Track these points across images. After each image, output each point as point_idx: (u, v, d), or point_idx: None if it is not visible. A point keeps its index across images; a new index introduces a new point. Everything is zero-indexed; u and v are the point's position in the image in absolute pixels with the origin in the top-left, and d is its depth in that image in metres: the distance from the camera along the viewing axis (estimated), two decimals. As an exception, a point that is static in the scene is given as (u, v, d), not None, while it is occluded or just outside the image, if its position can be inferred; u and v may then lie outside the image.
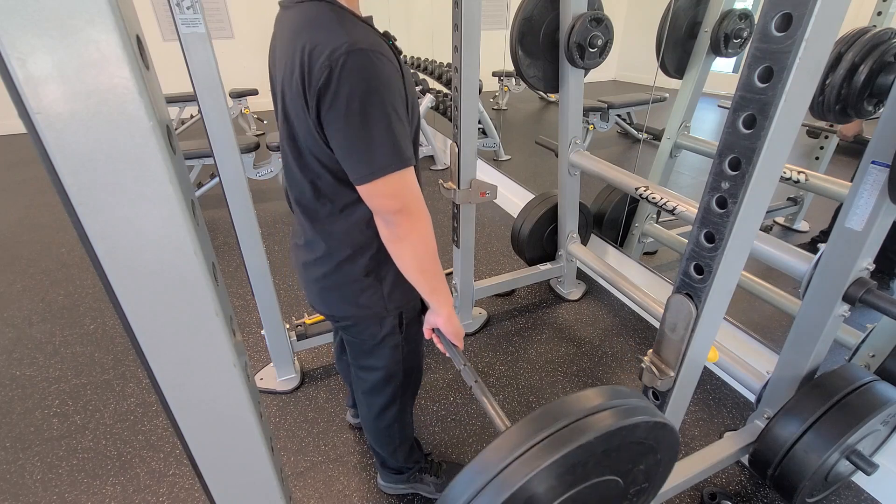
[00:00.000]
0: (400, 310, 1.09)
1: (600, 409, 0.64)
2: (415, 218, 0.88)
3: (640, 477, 0.76)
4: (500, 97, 5.80)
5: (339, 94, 0.76)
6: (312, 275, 1.06)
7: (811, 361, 1.30)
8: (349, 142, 0.80)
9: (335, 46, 0.75)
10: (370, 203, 0.87)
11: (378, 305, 1.06)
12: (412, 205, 0.87)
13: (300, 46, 0.79)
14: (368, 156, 0.80)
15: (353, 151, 0.81)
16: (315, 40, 0.78)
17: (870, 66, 1.28)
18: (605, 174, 1.96)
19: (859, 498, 1.48)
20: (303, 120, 0.84)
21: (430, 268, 0.95)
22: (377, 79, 0.77)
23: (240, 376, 0.50)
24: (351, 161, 0.82)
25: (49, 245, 3.01)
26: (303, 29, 0.81)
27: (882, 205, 1.06)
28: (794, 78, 0.61)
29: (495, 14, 4.98)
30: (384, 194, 0.84)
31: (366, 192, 0.85)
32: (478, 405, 1.83)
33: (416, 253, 0.92)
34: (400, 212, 0.86)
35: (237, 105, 5.18)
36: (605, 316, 2.34)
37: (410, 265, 0.94)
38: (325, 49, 0.76)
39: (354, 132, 0.79)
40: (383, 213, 0.87)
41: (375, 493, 1.51)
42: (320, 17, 0.81)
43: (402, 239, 0.90)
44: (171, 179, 0.39)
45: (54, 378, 1.97)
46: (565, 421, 0.63)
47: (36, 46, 0.32)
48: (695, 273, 0.80)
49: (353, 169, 0.83)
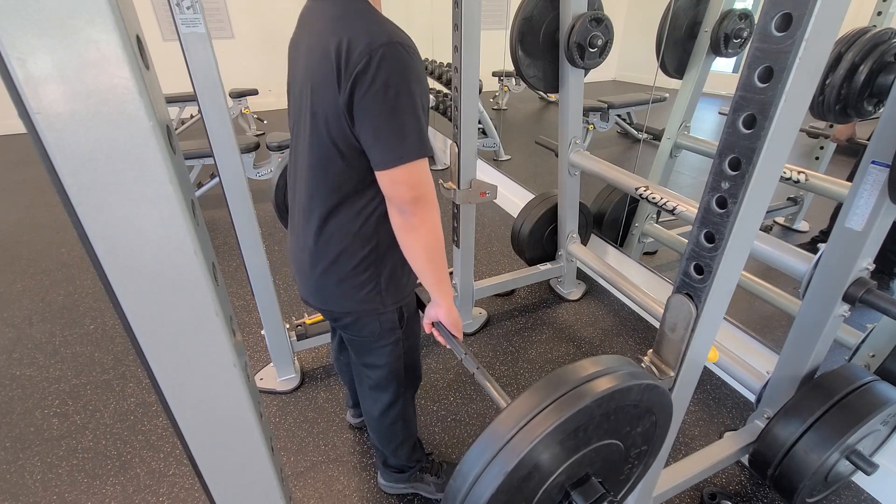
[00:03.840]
0: (398, 304, 1.10)
1: (595, 377, 0.69)
2: (429, 208, 0.91)
3: (638, 440, 0.80)
4: (500, 97, 5.79)
5: (376, 81, 0.80)
6: (310, 268, 1.05)
7: (811, 361, 1.30)
8: (379, 126, 0.83)
9: (375, 37, 0.80)
10: (389, 190, 0.89)
11: (376, 301, 1.06)
12: (428, 194, 0.90)
13: (336, 37, 0.82)
14: (396, 142, 0.84)
15: (381, 136, 0.84)
16: (352, 30, 0.82)
17: (870, 66, 1.28)
18: (605, 174, 1.96)
19: (859, 498, 1.48)
20: (331, 105, 0.86)
21: (438, 259, 0.97)
22: (412, 72, 0.82)
23: (240, 376, 0.50)
24: (379, 145, 0.85)
25: (49, 245, 3.01)
26: (338, 20, 0.85)
27: (882, 205, 1.06)
28: (794, 78, 0.61)
29: (495, 14, 4.99)
30: (405, 181, 0.87)
31: (388, 177, 0.87)
32: (478, 406, 1.83)
33: (427, 243, 0.94)
34: (416, 201, 0.88)
35: (237, 105, 5.18)
36: (605, 316, 2.34)
37: (420, 255, 0.96)
38: (365, 38, 0.80)
39: (386, 118, 0.82)
40: (400, 201, 0.89)
41: (375, 492, 1.51)
42: (355, 11, 0.85)
43: (414, 228, 0.92)
44: (171, 179, 0.39)
45: (54, 378, 1.97)
46: (564, 389, 0.68)
47: (36, 46, 0.32)
48: (695, 273, 0.80)
49: (380, 153, 0.85)
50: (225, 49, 5.91)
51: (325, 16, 0.88)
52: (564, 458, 0.70)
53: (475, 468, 0.67)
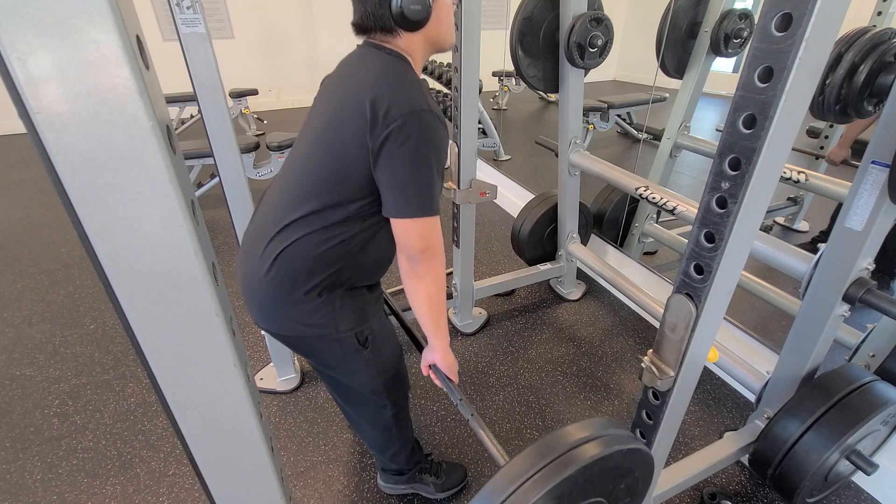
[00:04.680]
0: (353, 332, 1.06)
1: (582, 443, 0.77)
2: (436, 260, 1.00)
3: (622, 494, 0.87)
4: (500, 97, 5.80)
5: (408, 141, 0.89)
6: (262, 290, 1.01)
7: (811, 361, 1.30)
8: (402, 181, 0.92)
9: (413, 103, 0.90)
10: (401, 238, 0.98)
11: (329, 326, 1.03)
12: (435, 247, 0.99)
13: (376, 91, 0.91)
14: (415, 198, 0.93)
15: (403, 190, 0.93)
16: (393, 91, 0.92)
17: (870, 66, 1.28)
18: (605, 174, 1.96)
19: (859, 498, 1.48)
20: (357, 147, 0.92)
21: (438, 306, 1.05)
22: (438, 138, 0.93)
23: (240, 376, 0.50)
24: (398, 196, 0.94)
25: (49, 245, 3.01)
26: (381, 75, 0.95)
27: (882, 205, 1.06)
28: (794, 78, 0.61)
29: (495, 14, 4.99)
30: (417, 233, 0.96)
31: (402, 226, 0.96)
32: (477, 406, 1.83)
33: (429, 291, 1.02)
34: (425, 251, 0.98)
35: (237, 105, 5.17)
36: (605, 316, 2.34)
37: (422, 301, 1.03)
38: (404, 102, 0.90)
39: (409, 175, 0.92)
40: (410, 250, 0.98)
41: (375, 493, 1.51)
42: (397, 72, 0.96)
43: (420, 276, 1.01)
44: (171, 179, 0.39)
45: (54, 378, 1.97)
46: (551, 456, 0.76)
47: (36, 46, 0.32)
48: (695, 273, 0.80)
49: (397, 203, 0.94)
50: (225, 49, 5.91)
51: (370, 66, 0.97)
52: None
53: None
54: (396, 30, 0.97)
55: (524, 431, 1.72)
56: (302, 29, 6.22)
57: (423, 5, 0.94)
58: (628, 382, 1.94)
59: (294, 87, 6.61)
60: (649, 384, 0.95)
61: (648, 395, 1.00)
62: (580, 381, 1.94)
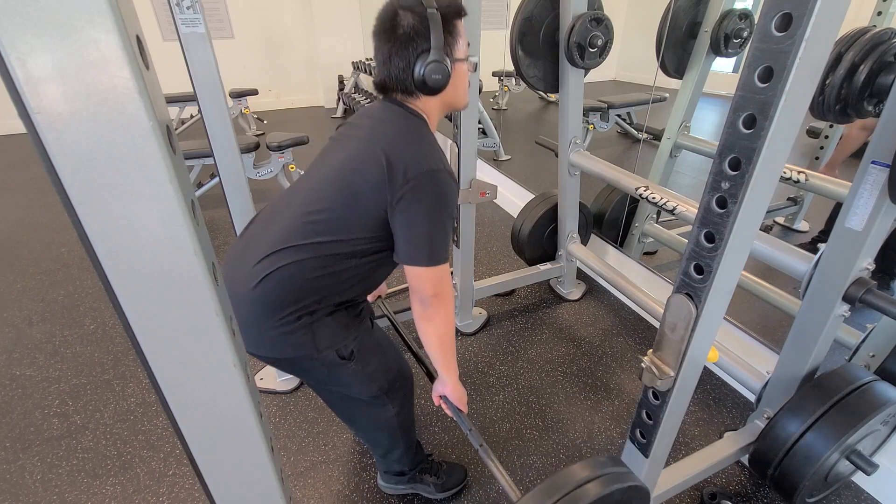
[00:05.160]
0: (334, 349, 1.07)
1: (585, 482, 0.88)
2: (445, 303, 1.08)
3: None
4: (500, 97, 5.79)
5: (425, 199, 0.98)
6: (244, 302, 1.01)
7: (811, 361, 1.30)
8: (418, 234, 1.01)
9: (431, 163, 0.99)
10: (415, 283, 1.05)
11: (308, 346, 1.04)
12: (445, 292, 1.07)
13: (395, 149, 1.00)
14: (429, 249, 1.01)
15: (418, 241, 1.01)
16: (412, 150, 1.01)
17: (870, 66, 1.27)
18: (605, 174, 1.96)
19: (859, 498, 1.48)
20: (370, 195, 1.00)
21: (448, 344, 1.13)
22: (451, 195, 1.03)
23: (240, 376, 0.50)
24: (413, 248, 1.02)
25: (49, 245, 3.01)
26: (401, 133, 1.04)
27: (882, 205, 1.06)
28: (794, 78, 0.61)
29: (495, 14, 4.98)
30: (429, 279, 1.03)
31: (415, 273, 1.03)
32: (477, 406, 1.83)
33: (440, 331, 1.10)
34: (436, 296, 1.05)
35: (237, 105, 5.18)
36: (605, 316, 2.34)
37: (433, 340, 1.11)
38: (423, 162, 0.99)
39: (425, 229, 1.00)
40: (422, 294, 1.05)
41: (375, 493, 1.51)
42: (417, 132, 1.05)
43: (432, 318, 1.08)
44: (171, 179, 0.38)
45: (54, 378, 1.97)
46: (558, 495, 0.86)
47: (36, 46, 0.32)
48: (695, 273, 0.80)
49: (412, 252, 1.02)
50: (225, 49, 5.91)
51: (391, 122, 1.06)
52: None
53: None
54: (417, 93, 1.05)
55: (524, 431, 1.72)
56: (302, 29, 6.22)
57: (444, 74, 1.02)
58: (628, 382, 1.94)
59: (294, 87, 6.61)
60: (649, 384, 0.95)
61: (648, 395, 1.00)
62: (580, 381, 1.94)
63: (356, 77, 6.01)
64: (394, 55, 1.01)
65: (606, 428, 1.73)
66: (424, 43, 0.98)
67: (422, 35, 0.98)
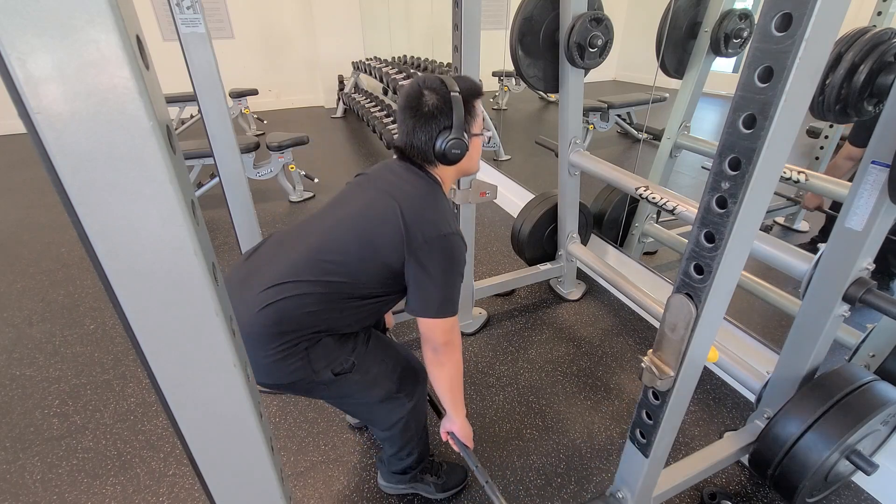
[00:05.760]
0: (330, 368, 1.10)
1: None
2: (455, 350, 1.17)
3: None
4: (500, 97, 5.80)
5: (439, 258, 1.07)
6: (245, 325, 1.03)
7: (811, 361, 1.30)
8: (431, 289, 1.09)
9: (445, 227, 1.08)
10: (427, 333, 1.13)
11: (305, 369, 1.08)
12: (455, 340, 1.17)
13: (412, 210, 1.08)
14: (441, 301, 1.09)
15: (430, 296, 1.09)
16: (428, 213, 1.09)
17: (870, 66, 1.27)
18: (605, 174, 1.96)
19: (859, 498, 1.48)
20: (385, 248, 1.07)
21: (457, 387, 1.23)
22: (462, 256, 1.11)
23: (240, 376, 0.50)
24: (426, 301, 1.10)
25: (49, 245, 3.01)
26: (418, 195, 1.12)
27: (882, 205, 1.06)
28: (794, 78, 0.61)
29: (495, 14, 4.99)
30: (441, 329, 1.12)
31: (428, 324, 1.11)
32: (478, 405, 1.83)
33: (451, 374, 1.19)
34: (447, 344, 1.14)
35: (237, 105, 5.18)
36: (605, 316, 2.34)
37: (444, 384, 1.20)
38: (439, 225, 1.08)
39: (437, 285, 1.08)
40: (434, 343, 1.14)
41: (375, 492, 1.51)
42: (432, 195, 1.14)
43: (443, 364, 1.17)
44: (171, 179, 0.38)
45: (54, 378, 1.97)
46: None
47: (36, 46, 0.32)
48: (695, 273, 0.80)
49: (425, 305, 1.10)
50: (225, 49, 5.91)
51: (410, 183, 1.14)
52: None
53: None
54: (436, 162, 1.15)
55: (524, 431, 1.72)
56: (302, 29, 6.22)
57: (462, 149, 1.12)
58: (628, 382, 1.94)
59: (294, 87, 6.61)
60: (649, 384, 0.95)
61: (648, 395, 1.01)
62: (580, 381, 1.94)
63: (356, 77, 6.01)
64: (417, 129, 1.11)
65: (606, 428, 1.73)
66: (446, 121, 1.09)
67: (444, 114, 1.09)
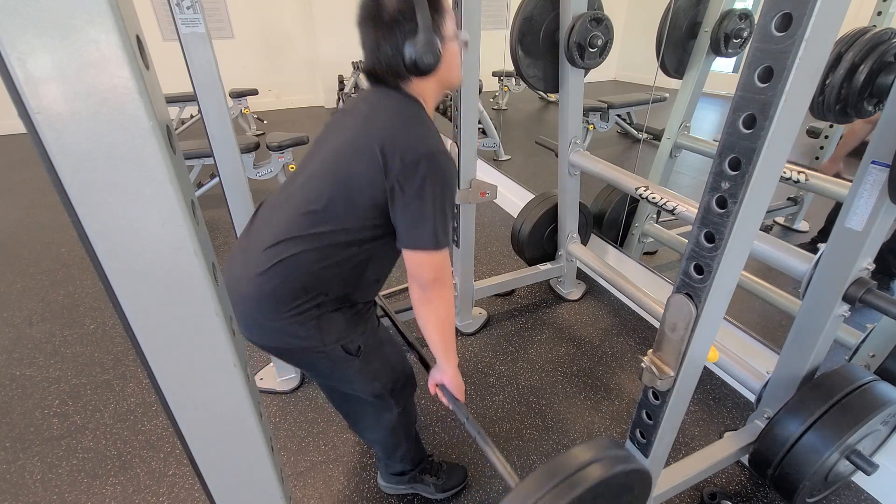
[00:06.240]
0: (340, 343, 1.07)
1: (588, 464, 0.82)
2: (444, 287, 1.05)
3: None
4: (500, 97, 5.80)
5: (424, 182, 0.95)
6: (252, 301, 1.01)
7: (811, 361, 1.30)
8: (417, 217, 0.97)
9: (425, 147, 0.96)
10: (414, 268, 1.02)
11: (315, 338, 1.04)
12: (445, 276, 1.05)
13: (389, 136, 0.97)
14: (429, 232, 0.98)
15: (417, 225, 0.98)
16: (406, 136, 0.98)
17: (870, 66, 1.28)
18: (605, 174, 1.96)
19: (859, 498, 1.48)
20: (365, 183, 0.98)
21: (448, 330, 1.11)
22: (449, 177, 0.99)
23: (240, 376, 0.50)
24: (413, 232, 0.99)
25: (49, 245, 3.01)
26: (395, 118, 1.00)
27: (882, 205, 1.06)
28: (794, 78, 0.61)
29: (495, 14, 4.98)
30: (429, 264, 1.01)
31: (415, 258, 1.01)
32: (477, 406, 1.83)
33: (440, 316, 1.08)
34: (436, 281, 1.03)
35: (237, 105, 5.17)
36: (605, 316, 2.34)
37: (433, 326, 1.09)
38: (418, 147, 0.96)
39: (424, 213, 0.97)
40: (420, 278, 1.03)
41: (375, 493, 1.51)
42: (411, 116, 1.02)
43: (430, 302, 1.06)
44: (171, 179, 0.38)
45: (54, 378, 1.97)
46: (560, 477, 0.81)
47: (36, 46, 0.32)
48: (695, 273, 0.80)
49: (412, 237, 0.99)
50: (225, 49, 5.91)
51: (386, 107, 1.03)
52: None
53: None
54: (410, 77, 1.02)
55: (524, 431, 1.72)
56: (302, 29, 6.22)
57: (434, 55, 0.98)
58: (628, 382, 1.93)
59: (294, 87, 6.61)
60: (649, 384, 0.95)
61: (648, 395, 1.01)
62: (580, 381, 1.94)
63: (356, 77, 6.01)
64: (381, 41, 0.98)
65: (606, 428, 1.73)
66: (411, 24, 0.95)
67: (408, 17, 0.95)
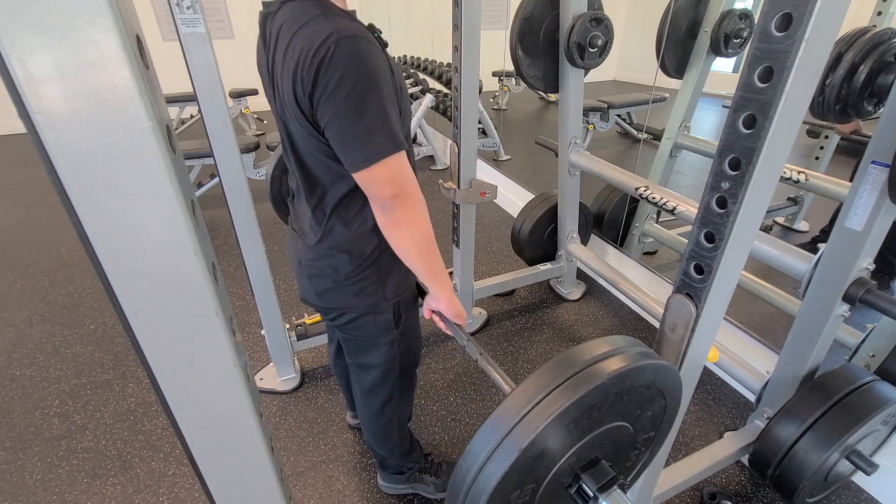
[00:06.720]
0: (398, 299, 1.09)
1: (609, 356, 0.67)
2: (411, 202, 0.87)
3: (647, 424, 0.80)
4: (500, 97, 5.79)
5: (332, 80, 0.76)
6: (309, 263, 1.04)
7: (811, 361, 1.30)
8: (344, 128, 0.80)
9: (324, 37, 0.76)
10: (367, 190, 0.87)
11: (377, 295, 1.05)
12: (408, 189, 0.87)
13: (294, 46, 0.79)
14: (363, 141, 0.80)
15: (347, 138, 0.81)
16: (305, 37, 0.78)
17: (870, 66, 1.28)
18: (605, 174, 1.96)
19: (859, 498, 1.48)
20: (298, 117, 0.84)
21: (428, 251, 0.94)
22: (366, 63, 0.77)
23: (240, 376, 0.50)
24: (346, 148, 0.82)
25: (49, 245, 3.01)
26: (292, 28, 0.81)
27: (882, 205, 1.06)
28: (794, 78, 0.61)
29: (495, 14, 4.98)
30: (380, 180, 0.83)
31: (362, 178, 0.84)
32: (477, 406, 1.83)
33: (414, 237, 0.91)
34: (396, 197, 0.85)
35: (237, 105, 5.17)
36: (605, 316, 2.34)
37: (409, 250, 0.93)
38: (317, 39, 0.76)
39: (349, 118, 0.78)
40: (380, 199, 0.87)
41: (375, 493, 1.51)
42: (306, 15, 0.80)
43: (399, 224, 0.89)
44: (171, 179, 0.39)
45: (54, 378, 1.97)
46: (578, 367, 0.65)
47: (36, 46, 0.32)
48: (695, 273, 0.80)
49: (348, 156, 0.82)
50: (225, 49, 5.91)
51: (281, 26, 0.84)
52: (577, 437, 0.68)
53: (488, 445, 0.63)
54: None
55: (524, 431, 1.72)
56: (302, 29, 6.21)
57: None
58: (628, 382, 1.93)
59: (294, 87, 6.60)
60: (649, 384, 0.94)
61: (648, 395, 1.00)
62: (580, 381, 1.94)
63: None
64: None
65: (606, 428, 1.73)
66: None
67: None
